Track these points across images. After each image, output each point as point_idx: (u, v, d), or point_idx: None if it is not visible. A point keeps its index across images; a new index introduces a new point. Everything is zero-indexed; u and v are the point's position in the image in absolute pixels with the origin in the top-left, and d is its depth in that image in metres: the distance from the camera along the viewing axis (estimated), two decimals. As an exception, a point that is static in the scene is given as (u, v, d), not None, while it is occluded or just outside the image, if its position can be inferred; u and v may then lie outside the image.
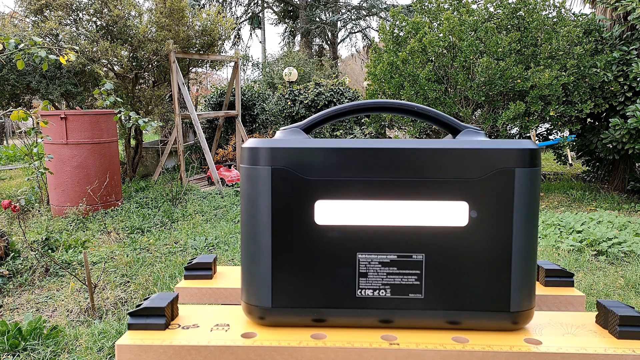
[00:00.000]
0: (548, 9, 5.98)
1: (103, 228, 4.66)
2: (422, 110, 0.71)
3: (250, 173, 0.63)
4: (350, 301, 0.63)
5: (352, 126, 8.74)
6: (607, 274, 3.47)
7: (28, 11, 6.48)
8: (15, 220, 4.45)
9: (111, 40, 6.50)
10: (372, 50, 6.91)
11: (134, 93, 6.93)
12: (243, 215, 0.65)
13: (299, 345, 0.60)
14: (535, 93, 5.48)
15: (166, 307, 0.64)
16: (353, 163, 0.61)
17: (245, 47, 23.47)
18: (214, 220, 5.12)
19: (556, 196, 6.14)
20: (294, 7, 21.89)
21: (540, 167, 0.63)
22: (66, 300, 3.08)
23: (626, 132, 5.32)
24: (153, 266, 3.69)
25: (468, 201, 0.61)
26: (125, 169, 7.39)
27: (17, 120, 3.06)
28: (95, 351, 2.45)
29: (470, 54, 5.62)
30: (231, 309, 0.71)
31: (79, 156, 5.19)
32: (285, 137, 0.66)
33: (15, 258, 3.53)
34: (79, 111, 5.84)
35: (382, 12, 20.73)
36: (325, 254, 0.62)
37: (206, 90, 14.79)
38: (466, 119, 5.78)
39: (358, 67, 23.48)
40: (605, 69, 5.69)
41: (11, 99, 6.78)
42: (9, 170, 9.13)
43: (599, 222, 4.51)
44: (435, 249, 0.62)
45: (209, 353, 0.60)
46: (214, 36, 7.23)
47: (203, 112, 8.23)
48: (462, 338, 0.61)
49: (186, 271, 0.87)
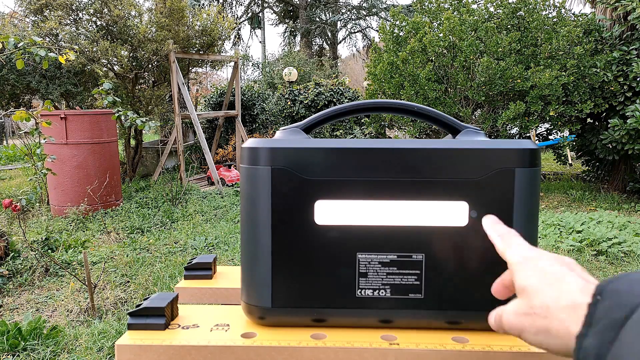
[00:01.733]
0: (548, 9, 5.99)
1: (103, 228, 4.66)
2: (422, 110, 0.71)
3: (250, 173, 0.63)
4: (350, 301, 0.63)
5: (352, 126, 8.74)
6: (607, 274, 3.47)
7: (28, 11, 6.48)
8: (15, 220, 4.45)
9: (111, 40, 6.50)
10: (372, 50, 6.91)
11: (134, 93, 6.93)
12: (243, 215, 0.65)
13: (299, 345, 0.60)
14: (535, 93, 5.48)
15: (166, 307, 0.64)
16: (353, 163, 0.61)
17: (245, 47, 23.49)
18: (214, 220, 5.12)
19: (556, 196, 6.14)
20: (294, 7, 21.89)
21: (540, 167, 0.63)
22: (66, 300, 3.08)
23: (625, 133, 5.32)
24: (153, 266, 3.69)
25: (468, 201, 0.61)
26: (125, 169, 7.39)
27: (20, 121, 3.06)
28: (95, 351, 2.45)
29: (470, 53, 5.62)
30: (231, 309, 0.71)
31: (79, 156, 5.19)
32: (285, 137, 0.66)
33: (15, 258, 3.53)
34: (78, 111, 5.84)
35: (382, 12, 20.73)
36: (325, 254, 0.62)
37: (206, 90, 14.79)
38: (466, 119, 5.78)
39: (358, 67, 23.48)
40: (605, 69, 5.69)
41: (11, 98, 6.78)
42: (8, 170, 9.13)
43: (599, 222, 4.51)
44: (435, 249, 0.62)
45: (209, 353, 0.60)
46: (214, 36, 7.23)
47: (203, 112, 8.23)
48: (462, 338, 0.61)
49: (186, 271, 0.87)
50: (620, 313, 0.33)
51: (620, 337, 0.32)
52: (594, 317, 0.35)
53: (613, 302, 0.34)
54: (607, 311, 0.34)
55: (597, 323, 0.34)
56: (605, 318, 0.34)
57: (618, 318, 0.33)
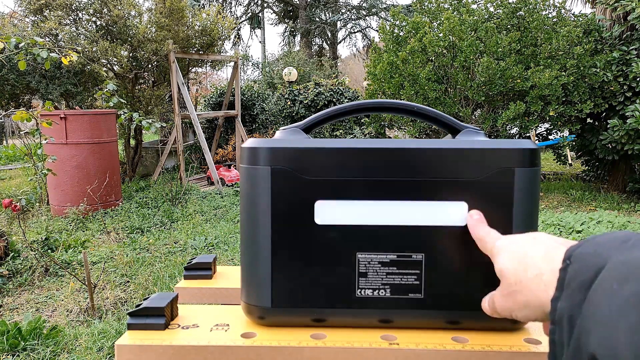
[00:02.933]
0: (548, 9, 5.99)
1: (103, 228, 4.66)
2: (422, 110, 0.71)
3: (249, 173, 0.63)
4: (350, 301, 0.63)
5: (352, 126, 8.74)
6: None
7: (28, 11, 6.48)
8: (15, 220, 4.44)
9: (111, 40, 6.50)
10: (372, 50, 6.91)
11: (133, 93, 6.93)
12: (243, 215, 0.65)
13: (299, 345, 0.60)
14: (535, 93, 5.48)
15: (166, 307, 0.64)
16: (353, 163, 0.61)
17: (245, 47, 23.48)
18: (214, 220, 5.12)
19: (556, 196, 6.14)
20: (293, 7, 21.89)
21: (540, 167, 0.63)
22: (66, 300, 3.08)
23: (625, 133, 5.32)
24: (153, 266, 3.69)
25: (468, 201, 0.61)
26: (125, 168, 7.39)
27: (20, 121, 3.06)
28: (95, 351, 2.45)
29: (470, 53, 5.62)
30: (231, 309, 0.71)
31: (79, 156, 5.19)
32: (285, 137, 0.66)
33: (15, 258, 3.53)
34: (78, 111, 5.84)
35: (382, 12, 20.74)
36: (325, 254, 0.62)
37: (206, 90, 14.78)
38: (466, 119, 5.78)
39: (358, 67, 23.47)
40: (605, 69, 5.69)
41: (11, 98, 6.78)
42: (8, 170, 9.12)
43: (599, 222, 4.52)
44: (435, 249, 0.62)
45: (208, 353, 0.60)
46: (214, 36, 7.23)
47: (203, 112, 8.22)
48: (462, 338, 0.61)
49: (186, 271, 0.87)
50: (587, 275, 0.35)
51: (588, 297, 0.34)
52: (565, 281, 0.37)
53: (581, 265, 0.36)
54: (576, 274, 0.36)
55: (568, 286, 0.36)
56: (574, 281, 0.36)
57: (585, 280, 0.35)
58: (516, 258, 0.46)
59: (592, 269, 0.35)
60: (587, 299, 0.34)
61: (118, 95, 6.32)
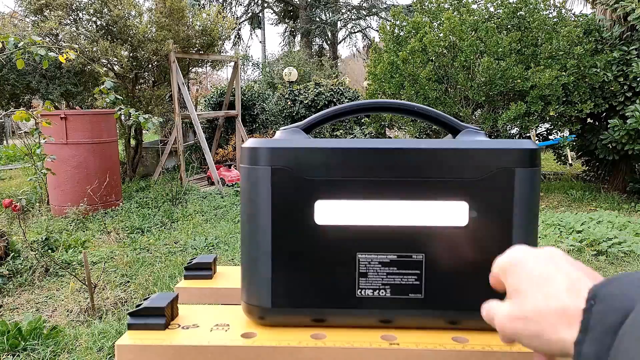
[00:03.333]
0: (548, 9, 5.98)
1: (103, 228, 4.66)
2: (422, 110, 0.71)
3: (250, 173, 0.63)
4: (350, 301, 0.63)
5: (352, 126, 8.74)
6: (607, 274, 3.47)
7: (28, 11, 6.48)
8: (15, 220, 4.44)
9: (111, 40, 6.50)
10: (372, 50, 6.91)
11: (134, 93, 6.93)
12: (243, 215, 0.65)
13: (299, 345, 0.60)
14: (536, 93, 5.48)
15: (166, 307, 0.64)
16: (353, 163, 0.61)
17: (245, 47, 23.46)
18: (214, 220, 5.11)
19: (556, 196, 6.14)
20: (294, 7, 21.88)
21: (540, 167, 0.63)
22: (66, 300, 3.08)
23: (625, 133, 5.32)
24: (153, 266, 3.69)
25: (468, 201, 0.61)
26: (125, 168, 7.39)
27: (20, 121, 3.06)
28: (95, 351, 2.45)
29: (470, 53, 5.62)
30: (231, 309, 0.71)
31: (79, 156, 5.19)
32: (285, 137, 0.66)
33: (15, 258, 3.53)
34: (78, 111, 5.85)
35: (382, 12, 20.74)
36: (325, 254, 0.62)
37: (206, 90, 14.78)
38: (466, 119, 5.78)
39: (358, 67, 23.47)
40: (605, 69, 5.69)
41: (11, 98, 6.78)
42: (8, 170, 9.12)
43: (599, 222, 4.51)
44: (435, 249, 0.62)
45: (209, 353, 0.60)
46: (214, 36, 7.23)
47: (203, 112, 8.22)
48: (462, 338, 0.61)
49: (186, 271, 0.87)
50: (613, 318, 0.33)
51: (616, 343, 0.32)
52: (589, 323, 0.34)
53: (606, 307, 0.34)
54: (601, 317, 0.34)
55: (593, 329, 0.34)
56: (601, 324, 0.34)
57: (612, 323, 0.33)
58: (535, 283, 0.41)
59: (619, 312, 0.33)
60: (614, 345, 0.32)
61: (118, 95, 6.33)
